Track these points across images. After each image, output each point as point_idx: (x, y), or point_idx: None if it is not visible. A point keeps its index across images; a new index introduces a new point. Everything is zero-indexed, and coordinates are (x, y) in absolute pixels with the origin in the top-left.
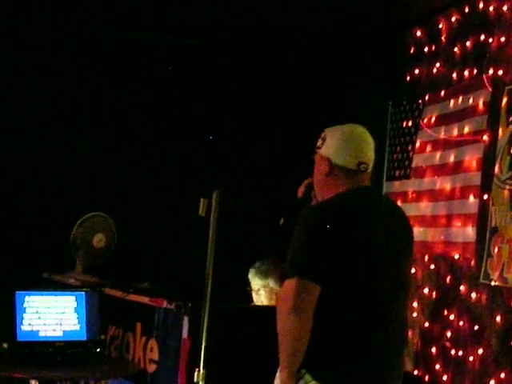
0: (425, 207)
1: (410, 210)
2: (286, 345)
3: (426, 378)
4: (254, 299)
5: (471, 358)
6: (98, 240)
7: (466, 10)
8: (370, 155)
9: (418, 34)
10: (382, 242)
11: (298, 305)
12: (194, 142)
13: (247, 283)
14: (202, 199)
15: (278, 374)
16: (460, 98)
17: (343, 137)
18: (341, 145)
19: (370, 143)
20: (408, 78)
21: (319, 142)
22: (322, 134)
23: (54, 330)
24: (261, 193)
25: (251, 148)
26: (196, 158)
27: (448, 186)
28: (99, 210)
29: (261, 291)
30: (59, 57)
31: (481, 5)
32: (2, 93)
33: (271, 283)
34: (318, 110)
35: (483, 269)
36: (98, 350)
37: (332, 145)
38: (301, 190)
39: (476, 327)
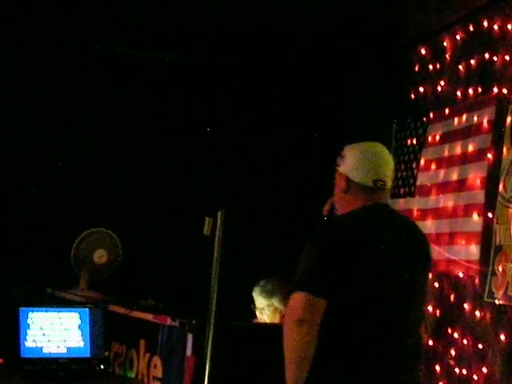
0: (429, 225)
1: None
2: (290, 358)
3: None
4: (258, 317)
5: (475, 377)
6: (100, 256)
7: (471, 28)
8: (387, 172)
9: (423, 51)
10: (394, 259)
11: (302, 317)
12: (199, 160)
13: (251, 301)
14: (206, 218)
15: None
16: (464, 116)
17: (360, 154)
18: (358, 162)
19: (387, 160)
20: (412, 95)
21: (338, 160)
22: (342, 152)
23: (58, 347)
24: (265, 212)
25: (257, 168)
26: (202, 177)
27: (452, 204)
28: (104, 226)
29: (265, 310)
30: (59, 64)
31: (485, 23)
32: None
33: (276, 303)
34: (324, 129)
35: (487, 287)
36: (102, 366)
37: (349, 162)
38: (325, 208)
39: (480, 346)
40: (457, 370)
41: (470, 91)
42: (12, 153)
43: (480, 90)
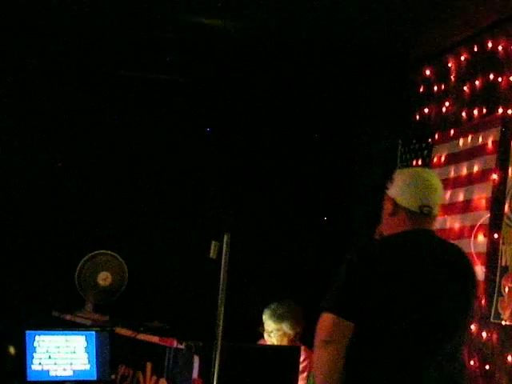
0: None
1: None
2: (318, 378)
3: None
4: (266, 339)
5: None
6: (104, 278)
7: (475, 49)
8: (434, 199)
9: (428, 72)
10: (430, 285)
11: (327, 338)
12: (206, 184)
13: (260, 323)
14: (213, 242)
15: None
16: (469, 137)
17: (408, 179)
18: (405, 186)
19: (435, 187)
20: (417, 116)
21: (388, 183)
22: (392, 175)
23: (65, 370)
24: (271, 235)
25: (263, 191)
26: (208, 201)
27: (458, 225)
28: (111, 249)
29: (273, 333)
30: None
31: (490, 44)
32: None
33: (285, 327)
34: (329, 150)
35: (494, 308)
36: None
37: (397, 186)
38: (378, 233)
39: (487, 367)
40: None
41: (475, 112)
42: (17, 175)
43: (485, 110)
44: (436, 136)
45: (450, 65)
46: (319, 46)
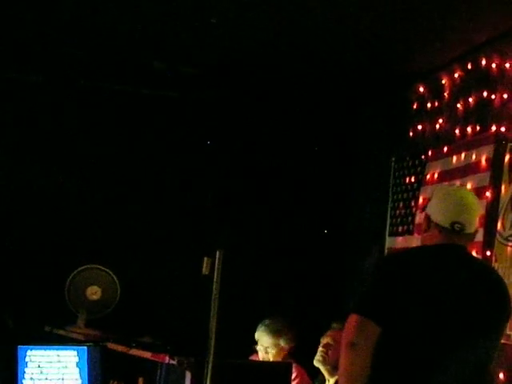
0: None
1: None
2: (341, 380)
3: None
4: (261, 357)
5: None
6: (93, 292)
7: (469, 66)
8: (467, 217)
9: (421, 89)
10: (457, 299)
11: (354, 340)
12: (198, 200)
13: (254, 341)
14: (205, 258)
15: None
16: (463, 155)
17: (443, 196)
18: (439, 203)
19: (469, 206)
20: (411, 133)
21: (429, 199)
22: (433, 192)
23: None
24: (264, 253)
25: (255, 208)
26: (201, 217)
27: None
28: (104, 264)
29: (270, 349)
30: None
31: (483, 61)
32: None
33: (282, 342)
34: (322, 167)
35: None
36: None
37: (432, 202)
38: None
39: None
40: None
41: (469, 129)
42: (6, 188)
43: (478, 128)
44: (429, 153)
45: (443, 82)
46: (314, 63)
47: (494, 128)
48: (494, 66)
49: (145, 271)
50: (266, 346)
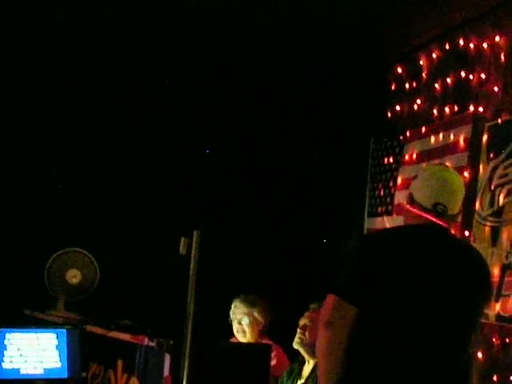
0: None
1: None
2: (320, 360)
3: None
4: (235, 330)
5: None
6: (73, 276)
7: (447, 46)
8: (450, 198)
9: (399, 70)
10: (437, 278)
11: (330, 320)
12: (176, 180)
13: (228, 316)
14: (182, 238)
15: None
16: (441, 135)
17: (427, 176)
18: (422, 183)
19: (453, 187)
20: (389, 114)
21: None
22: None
23: (35, 368)
24: (241, 232)
25: (233, 188)
26: (177, 197)
27: None
28: (81, 247)
29: (244, 319)
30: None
31: (461, 42)
32: None
33: (255, 313)
34: (300, 147)
35: None
36: None
37: (416, 182)
38: None
39: None
40: None
41: (447, 109)
42: None
43: (456, 108)
44: (407, 133)
45: (421, 62)
46: (291, 47)
47: (471, 108)
48: (471, 46)
49: (122, 254)
50: (240, 317)
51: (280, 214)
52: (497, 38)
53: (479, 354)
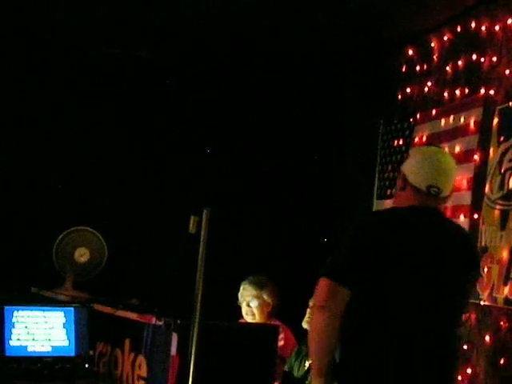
0: None
1: None
2: (312, 342)
3: None
4: (244, 312)
5: (460, 378)
6: (81, 254)
7: (459, 29)
8: (444, 181)
9: (410, 52)
10: (428, 260)
11: (323, 303)
12: (185, 159)
13: (237, 297)
14: (192, 216)
15: None
16: (451, 117)
17: (421, 157)
18: (416, 164)
19: (447, 169)
20: (399, 96)
21: (405, 157)
22: (409, 151)
23: (43, 346)
24: (251, 211)
25: (243, 166)
26: (187, 176)
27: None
28: (90, 225)
29: (253, 302)
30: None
31: (473, 24)
32: None
33: (265, 295)
34: (310, 128)
35: None
36: (87, 365)
37: (410, 163)
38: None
39: (465, 347)
40: None
41: (457, 92)
42: None
43: (467, 91)
44: (418, 116)
45: (432, 45)
46: (302, 30)
47: (482, 91)
48: (483, 28)
49: (131, 232)
50: (249, 300)
51: (292, 194)
52: (509, 21)
53: (487, 338)
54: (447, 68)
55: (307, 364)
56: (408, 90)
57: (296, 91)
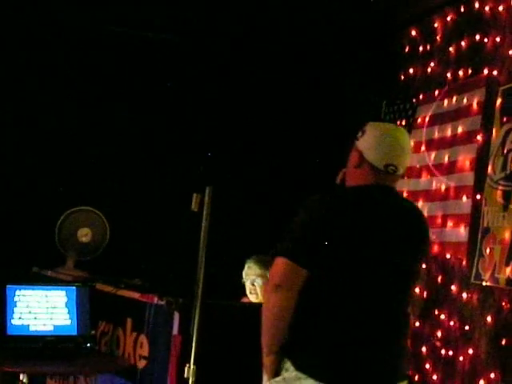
0: (421, 207)
1: None
2: (265, 321)
3: (416, 377)
4: (248, 290)
5: (461, 358)
6: (84, 234)
7: (462, 9)
8: (401, 159)
9: (413, 33)
10: (384, 239)
11: (281, 283)
12: (188, 137)
13: (241, 275)
14: (194, 194)
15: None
16: (454, 98)
17: (379, 135)
18: (375, 142)
19: (404, 148)
20: (402, 77)
21: (359, 134)
22: (364, 127)
23: (45, 325)
24: (253, 189)
25: (245, 144)
26: (190, 154)
27: (443, 186)
28: (92, 205)
29: (257, 281)
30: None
31: (476, 5)
32: None
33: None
34: (312, 109)
35: (474, 269)
36: (88, 345)
37: (367, 140)
38: (339, 177)
39: (466, 327)
40: (443, 351)
41: (460, 73)
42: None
43: (470, 71)
44: (420, 96)
45: (436, 25)
46: (303, 9)
47: (486, 71)
48: (487, 9)
49: (133, 211)
50: (254, 278)
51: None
52: None
53: (488, 318)
54: (450, 48)
55: None
56: (411, 70)
57: (299, 72)
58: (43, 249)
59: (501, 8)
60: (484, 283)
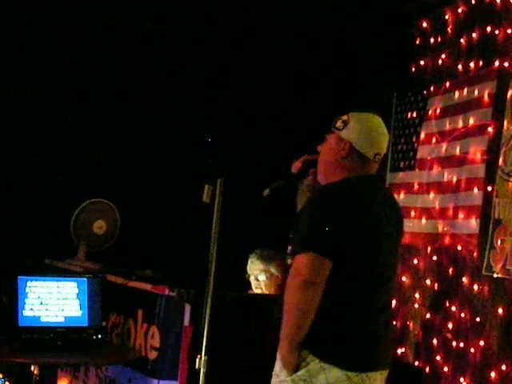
0: (430, 199)
1: (415, 201)
2: (292, 317)
3: (427, 369)
4: (253, 285)
5: (472, 350)
6: (99, 226)
7: (473, 1)
8: (384, 147)
9: (424, 24)
10: (382, 231)
11: (310, 279)
12: (200, 127)
13: (245, 270)
14: (206, 185)
15: (278, 356)
16: (465, 90)
17: (368, 125)
18: (365, 132)
19: (386, 135)
20: (413, 69)
21: (339, 124)
22: (345, 117)
23: (56, 316)
24: (265, 181)
25: (257, 136)
26: (201, 145)
27: (453, 178)
28: (102, 197)
29: (261, 276)
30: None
31: None
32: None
33: (272, 269)
34: (323, 101)
35: (486, 261)
36: (100, 336)
37: (356, 130)
38: (297, 165)
39: (478, 319)
40: (454, 343)
41: (471, 64)
42: (11, 123)
43: (481, 63)
44: (431, 88)
45: (447, 17)
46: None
47: (497, 63)
48: (498, 0)
49: (144, 202)
50: (257, 273)
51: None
52: None
53: (500, 310)
54: (461, 40)
55: None
56: (422, 62)
57: (310, 63)
58: (54, 241)
59: None
60: (495, 275)
